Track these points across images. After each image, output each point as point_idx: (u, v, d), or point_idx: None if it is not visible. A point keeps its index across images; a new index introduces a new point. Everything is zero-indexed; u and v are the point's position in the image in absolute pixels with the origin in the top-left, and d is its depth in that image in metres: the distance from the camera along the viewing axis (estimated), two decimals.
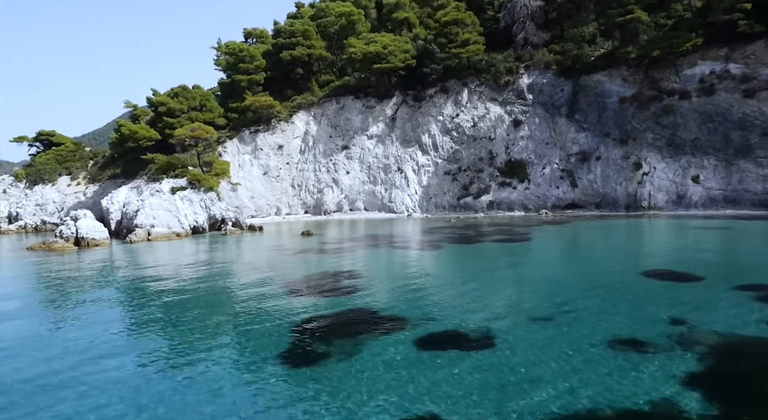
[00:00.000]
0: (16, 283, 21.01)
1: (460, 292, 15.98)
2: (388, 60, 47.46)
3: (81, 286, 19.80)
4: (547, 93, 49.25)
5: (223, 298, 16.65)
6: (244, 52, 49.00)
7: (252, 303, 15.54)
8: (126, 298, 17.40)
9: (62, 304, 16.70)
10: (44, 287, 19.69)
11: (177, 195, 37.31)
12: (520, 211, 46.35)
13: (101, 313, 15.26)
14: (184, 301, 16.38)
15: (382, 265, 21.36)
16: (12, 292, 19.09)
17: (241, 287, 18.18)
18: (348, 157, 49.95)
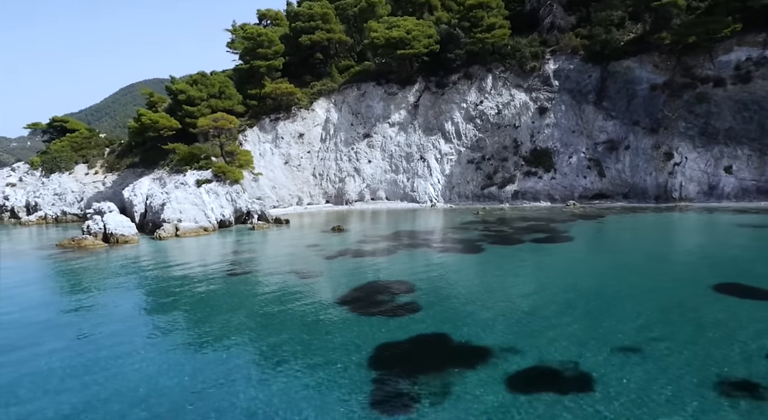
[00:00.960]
0: (67, 291, 20.49)
1: (526, 312, 15.41)
2: (412, 45, 46.12)
3: (136, 296, 19.29)
4: (574, 79, 47.95)
5: (282, 319, 16.09)
6: (263, 37, 47.63)
7: (314, 327, 14.97)
8: (184, 316, 16.89)
9: (133, 326, 16.21)
10: (99, 296, 19.19)
11: (203, 188, 36.64)
12: (546, 202, 45.58)
13: (179, 335, 14.76)
14: (236, 322, 15.87)
15: (431, 274, 20.76)
16: (68, 301, 18.61)
17: (294, 303, 17.62)
18: (370, 145, 49.03)
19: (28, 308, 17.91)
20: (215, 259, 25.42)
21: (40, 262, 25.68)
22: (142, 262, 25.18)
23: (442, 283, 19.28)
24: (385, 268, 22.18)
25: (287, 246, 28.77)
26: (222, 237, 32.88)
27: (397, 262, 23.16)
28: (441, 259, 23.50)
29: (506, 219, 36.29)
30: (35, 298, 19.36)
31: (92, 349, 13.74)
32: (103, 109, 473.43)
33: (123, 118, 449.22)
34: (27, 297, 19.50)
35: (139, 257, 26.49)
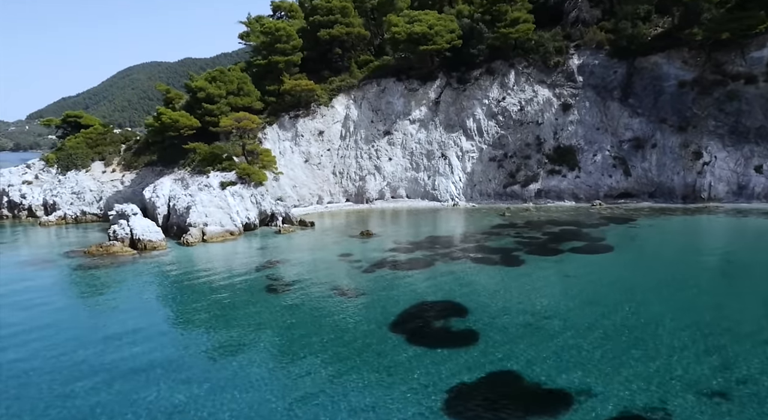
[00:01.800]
0: (118, 317, 20.03)
1: (591, 344, 14.96)
2: (434, 41, 45.09)
3: (185, 319, 18.88)
4: (599, 75, 46.99)
5: (337, 350, 15.64)
6: (281, 32, 46.55)
7: (374, 363, 14.48)
8: (242, 347, 16.46)
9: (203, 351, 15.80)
10: (154, 321, 18.77)
11: (227, 190, 36.09)
12: (571, 201, 44.95)
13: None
14: (293, 353, 15.44)
15: (477, 293, 20.28)
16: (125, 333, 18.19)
17: (346, 329, 17.21)
18: (390, 142, 48.28)
19: (86, 337, 17.51)
20: (250, 271, 24.95)
21: (76, 275, 25.24)
22: (176, 275, 24.75)
23: (491, 304, 18.82)
24: (428, 285, 21.71)
25: (319, 255, 28.29)
26: (250, 242, 32.43)
27: (438, 278, 22.68)
28: (483, 274, 23.01)
29: (535, 222, 35.73)
30: (91, 322, 18.82)
31: None
32: (100, 92, 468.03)
33: (121, 102, 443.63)
34: (79, 323, 19.04)
35: (172, 269, 26.05)
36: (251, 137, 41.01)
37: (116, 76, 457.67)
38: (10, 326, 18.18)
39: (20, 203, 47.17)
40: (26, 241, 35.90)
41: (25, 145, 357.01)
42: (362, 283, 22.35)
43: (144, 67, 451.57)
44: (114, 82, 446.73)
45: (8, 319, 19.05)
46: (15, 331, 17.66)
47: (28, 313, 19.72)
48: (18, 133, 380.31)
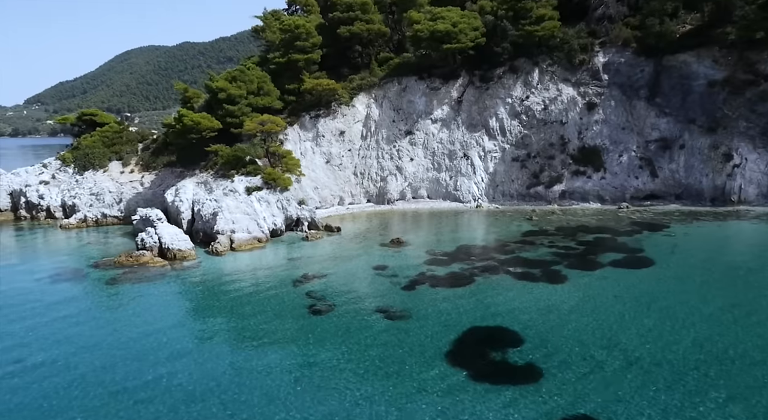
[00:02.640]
0: (172, 345, 19.60)
1: (668, 385, 14.51)
2: (458, 39, 44.16)
3: (229, 342, 18.48)
4: (625, 73, 46.12)
5: (394, 389, 15.26)
6: (301, 29, 45.62)
7: (438, 406, 14.03)
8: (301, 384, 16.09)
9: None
10: (207, 351, 18.41)
11: (253, 196, 35.58)
12: (596, 203, 44.37)
13: None
14: (349, 389, 15.06)
15: (528, 316, 19.82)
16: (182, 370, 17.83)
17: (400, 361, 16.80)
18: (412, 142, 47.59)
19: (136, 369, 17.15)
20: (288, 287, 24.52)
21: (112, 291, 24.80)
22: (214, 294, 24.33)
23: (544, 332, 18.38)
24: (474, 306, 21.25)
25: (353, 267, 27.79)
26: (280, 252, 31.98)
27: (482, 297, 22.23)
28: (527, 294, 22.54)
29: (565, 228, 35.19)
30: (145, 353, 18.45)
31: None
32: (98, 77, 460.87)
33: (119, 87, 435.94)
34: (124, 345, 18.69)
35: (207, 285, 25.62)
36: (273, 139, 40.34)
37: (114, 61, 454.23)
38: (57, 348, 17.82)
39: (38, 204, 46.75)
40: (50, 246, 35.49)
41: (24, 131, 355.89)
42: (405, 302, 21.91)
43: (142, 51, 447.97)
44: (112, 67, 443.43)
45: (54, 341, 18.69)
46: (62, 354, 17.31)
47: (72, 332, 19.36)
48: (16, 118, 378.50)
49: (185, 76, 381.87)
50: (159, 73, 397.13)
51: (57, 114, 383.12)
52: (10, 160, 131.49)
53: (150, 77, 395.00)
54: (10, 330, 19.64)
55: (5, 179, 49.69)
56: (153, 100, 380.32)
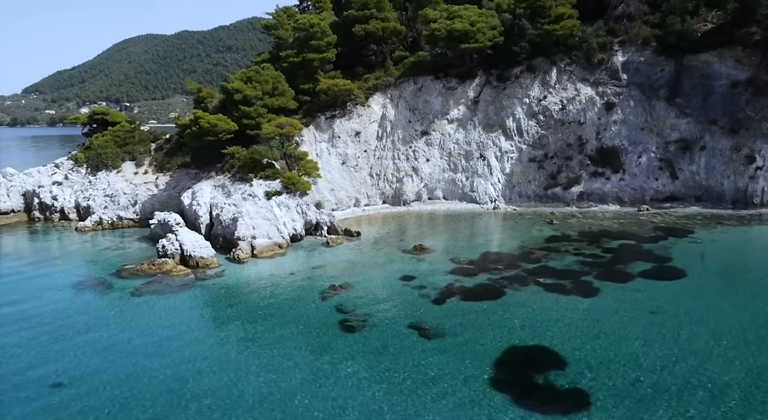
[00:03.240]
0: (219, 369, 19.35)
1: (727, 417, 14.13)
2: (476, 39, 43.50)
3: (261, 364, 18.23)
4: (644, 73, 45.45)
5: (447, 414, 15.00)
6: (316, 28, 44.96)
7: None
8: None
9: None
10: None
11: (273, 201, 35.25)
12: (615, 204, 43.98)
13: None
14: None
15: (565, 334, 19.53)
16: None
17: (441, 379, 16.57)
18: (428, 143, 47.12)
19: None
20: (316, 300, 24.23)
21: (140, 303, 24.54)
22: (241, 307, 24.06)
23: (585, 351, 18.14)
24: (508, 321, 20.98)
25: (379, 277, 27.46)
26: (300, 258, 31.72)
27: (516, 312, 21.95)
28: (561, 308, 22.26)
29: (588, 234, 34.84)
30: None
31: None
32: (96, 66, 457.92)
33: (118, 76, 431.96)
34: (162, 366, 18.45)
35: (233, 297, 25.36)
36: (290, 141, 39.89)
37: (112, 49, 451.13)
38: (95, 377, 17.60)
39: (52, 205, 46.47)
40: (69, 252, 35.18)
41: (23, 120, 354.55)
42: (438, 318, 21.63)
43: (140, 39, 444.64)
44: (110, 55, 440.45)
45: (90, 363, 18.48)
46: (101, 383, 17.09)
47: (105, 356, 19.14)
48: (14, 108, 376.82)
49: (184, 66, 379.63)
50: (158, 62, 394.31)
51: (55, 103, 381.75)
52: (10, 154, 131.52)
53: (149, 66, 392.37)
54: (46, 355, 19.24)
55: (18, 180, 49.39)
56: (152, 90, 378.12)
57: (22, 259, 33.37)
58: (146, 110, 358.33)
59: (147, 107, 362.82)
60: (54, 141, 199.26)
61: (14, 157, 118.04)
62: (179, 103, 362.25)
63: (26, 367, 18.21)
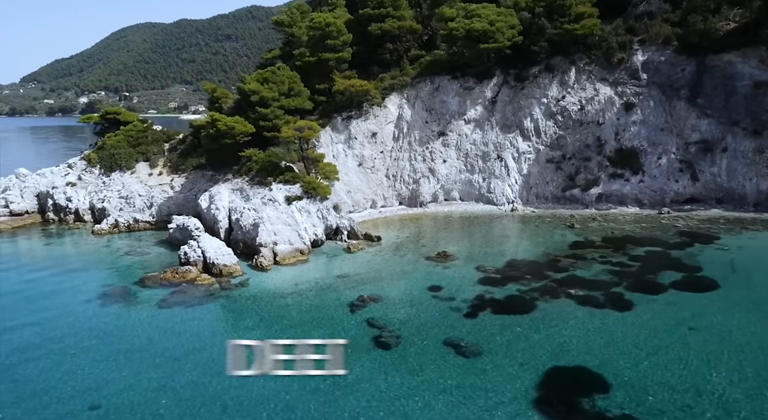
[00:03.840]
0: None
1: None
2: (495, 38, 42.88)
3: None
4: (665, 72, 44.87)
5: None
6: (332, 28, 44.34)
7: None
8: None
9: None
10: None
11: (294, 206, 34.94)
12: (634, 207, 43.60)
13: None
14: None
15: (605, 352, 19.27)
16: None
17: (486, 405, 16.31)
18: (444, 144, 46.66)
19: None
20: (346, 312, 24.02)
21: (168, 316, 24.31)
22: (269, 319, 23.88)
23: (628, 372, 17.90)
24: (545, 339, 20.73)
25: (406, 287, 27.17)
26: (324, 265, 31.47)
27: (550, 327, 21.72)
28: (596, 323, 22.01)
29: (611, 239, 34.50)
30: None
31: None
32: (95, 55, 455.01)
33: (117, 65, 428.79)
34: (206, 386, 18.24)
35: (260, 308, 25.14)
36: (309, 144, 39.49)
37: (110, 38, 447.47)
38: (135, 390, 17.42)
39: (66, 206, 46.21)
40: (89, 258, 34.86)
41: (21, 110, 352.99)
42: (472, 334, 21.40)
43: (138, 28, 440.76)
44: (108, 44, 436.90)
45: (127, 380, 18.29)
46: (143, 400, 16.91)
47: (138, 372, 18.95)
48: (13, 97, 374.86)
49: (183, 55, 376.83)
50: (156, 51, 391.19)
51: (54, 93, 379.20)
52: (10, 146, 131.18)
53: (147, 55, 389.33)
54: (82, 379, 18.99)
55: (31, 180, 49.16)
56: (151, 79, 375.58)
57: (41, 266, 33.11)
58: (146, 100, 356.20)
59: (146, 97, 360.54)
60: (54, 132, 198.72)
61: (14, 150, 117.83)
62: (179, 93, 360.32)
63: (61, 388, 18.02)
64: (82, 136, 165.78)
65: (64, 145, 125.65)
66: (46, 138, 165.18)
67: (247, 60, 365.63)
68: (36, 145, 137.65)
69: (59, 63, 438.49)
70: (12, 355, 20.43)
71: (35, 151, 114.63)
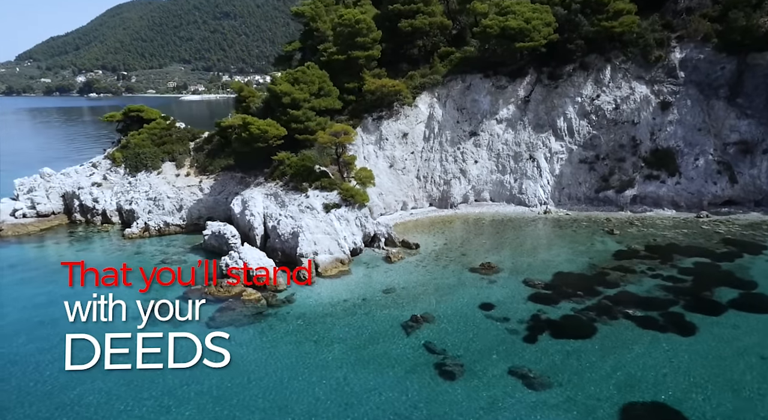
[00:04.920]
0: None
1: None
2: (532, 37, 41.73)
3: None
4: (703, 71, 43.75)
5: None
6: (362, 25, 43.19)
7: None
8: None
9: None
10: None
11: (332, 214, 34.41)
12: (670, 209, 42.91)
13: None
14: None
15: (682, 386, 18.80)
16: None
17: None
18: (476, 144, 45.84)
19: None
20: (400, 334, 23.62)
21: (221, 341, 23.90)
22: (321, 337, 23.61)
23: (713, 411, 17.45)
24: (614, 369, 20.35)
25: (456, 305, 26.65)
26: (366, 278, 31.05)
27: (616, 355, 21.33)
28: (664, 351, 21.60)
29: (655, 248, 33.96)
30: None
31: None
32: (90, 32, 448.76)
33: (113, 43, 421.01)
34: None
35: (309, 325, 24.89)
36: (344, 149, 38.78)
37: (105, 15, 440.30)
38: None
39: (93, 207, 45.77)
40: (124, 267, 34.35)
41: (18, 89, 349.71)
42: (536, 361, 21.04)
43: (134, 5, 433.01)
44: (104, 21, 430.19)
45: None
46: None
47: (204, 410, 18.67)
48: (9, 76, 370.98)
49: (181, 33, 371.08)
50: (153, 29, 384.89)
51: (50, 71, 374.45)
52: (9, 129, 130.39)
53: (144, 33, 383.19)
54: None
55: (56, 180, 48.61)
56: (149, 58, 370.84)
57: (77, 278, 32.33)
58: (144, 79, 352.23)
59: (145, 76, 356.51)
60: (53, 114, 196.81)
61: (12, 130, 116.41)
62: (177, 72, 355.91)
63: None
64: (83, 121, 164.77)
65: (67, 130, 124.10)
66: (47, 121, 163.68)
67: (246, 38, 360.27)
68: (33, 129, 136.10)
69: (54, 40, 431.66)
70: None
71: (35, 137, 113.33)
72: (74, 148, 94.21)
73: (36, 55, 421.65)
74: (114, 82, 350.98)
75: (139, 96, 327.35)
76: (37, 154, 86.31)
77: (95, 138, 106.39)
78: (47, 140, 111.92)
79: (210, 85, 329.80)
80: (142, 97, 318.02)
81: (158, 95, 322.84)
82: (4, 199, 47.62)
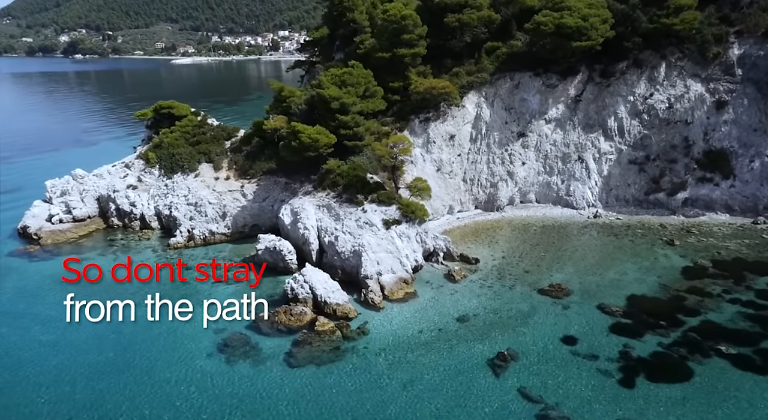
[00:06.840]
0: None
1: None
2: (589, 35, 39.87)
3: None
4: (763, 68, 42.32)
5: None
6: (408, 21, 41.09)
7: None
8: None
9: None
10: None
11: (393, 231, 33.56)
12: (724, 213, 42.18)
13: None
14: None
15: None
16: None
17: None
18: (524, 145, 44.54)
19: None
20: (485, 372, 23.48)
21: (305, 381, 23.46)
22: (406, 378, 23.04)
23: None
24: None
25: (538, 338, 26.22)
26: (432, 300, 30.54)
27: (721, 403, 21.07)
28: (766, 396, 21.13)
29: (723, 264, 33.37)
30: None
31: None
32: None
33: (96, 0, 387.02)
34: None
35: (390, 362, 24.45)
36: (401, 161, 37.45)
37: None
38: None
39: (130, 212, 44.70)
40: (179, 287, 32.78)
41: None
42: (644, 414, 20.62)
43: None
44: None
45: None
46: None
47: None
48: None
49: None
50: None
51: (31, 29, 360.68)
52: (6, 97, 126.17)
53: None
54: None
55: (90, 182, 47.30)
56: (134, 17, 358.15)
57: (129, 296, 25.89)
58: (131, 40, 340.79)
59: (131, 36, 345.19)
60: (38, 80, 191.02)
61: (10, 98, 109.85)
62: (165, 32, 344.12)
63: None
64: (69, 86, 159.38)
65: (56, 103, 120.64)
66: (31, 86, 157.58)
67: None
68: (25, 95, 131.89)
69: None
70: None
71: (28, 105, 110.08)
72: (81, 128, 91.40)
73: (14, 11, 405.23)
74: (99, 43, 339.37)
75: (127, 57, 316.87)
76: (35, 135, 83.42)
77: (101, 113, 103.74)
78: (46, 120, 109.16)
79: (200, 47, 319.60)
80: (129, 59, 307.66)
81: (147, 57, 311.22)
82: (37, 201, 46.47)
